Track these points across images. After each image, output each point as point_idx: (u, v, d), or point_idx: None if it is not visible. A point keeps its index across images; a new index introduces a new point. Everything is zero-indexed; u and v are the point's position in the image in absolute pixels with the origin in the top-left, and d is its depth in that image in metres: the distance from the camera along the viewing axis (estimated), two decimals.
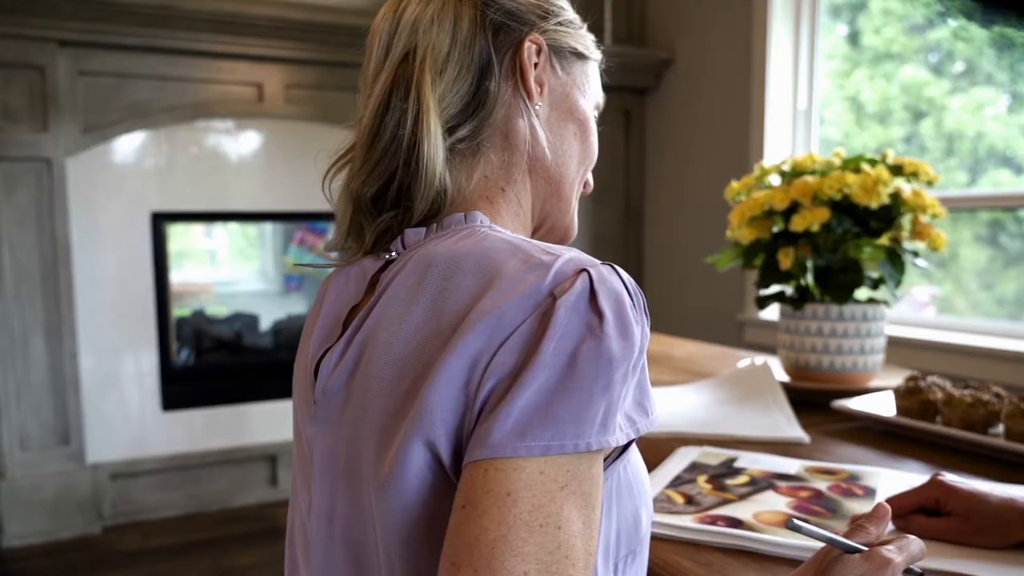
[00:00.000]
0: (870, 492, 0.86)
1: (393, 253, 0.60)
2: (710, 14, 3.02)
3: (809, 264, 1.28)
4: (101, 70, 2.57)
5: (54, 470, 2.59)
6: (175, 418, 2.86)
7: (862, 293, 1.32)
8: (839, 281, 1.27)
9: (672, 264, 3.29)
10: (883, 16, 2.59)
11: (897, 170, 1.28)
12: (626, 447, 0.57)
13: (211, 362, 3.09)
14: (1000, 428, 1.03)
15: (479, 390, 0.48)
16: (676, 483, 0.89)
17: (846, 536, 0.57)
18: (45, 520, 2.59)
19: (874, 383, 1.31)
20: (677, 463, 0.97)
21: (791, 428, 1.13)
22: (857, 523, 0.59)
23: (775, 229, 1.33)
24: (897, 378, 1.32)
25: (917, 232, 1.28)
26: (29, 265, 2.50)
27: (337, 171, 0.64)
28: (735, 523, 0.77)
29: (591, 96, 0.67)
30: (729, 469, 0.94)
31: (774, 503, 0.83)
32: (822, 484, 0.89)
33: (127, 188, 2.71)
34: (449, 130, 0.59)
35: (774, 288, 1.37)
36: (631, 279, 0.53)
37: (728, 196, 1.39)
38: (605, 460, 0.55)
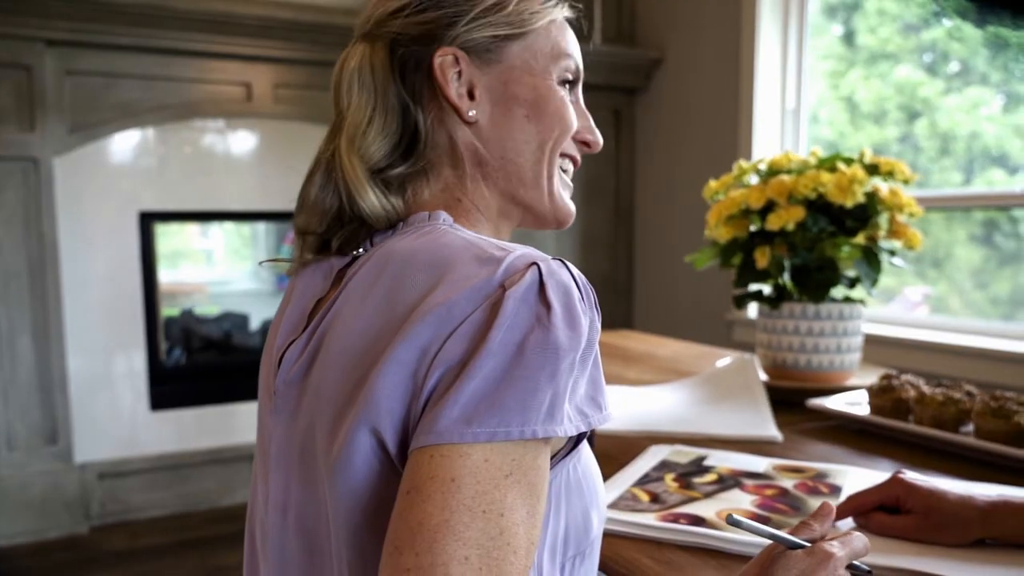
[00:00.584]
0: (836, 490, 0.86)
1: (360, 250, 0.62)
2: (699, 14, 3.02)
3: (786, 263, 1.28)
4: (88, 69, 2.57)
5: (41, 469, 2.58)
6: (163, 418, 2.86)
7: (840, 292, 1.32)
8: (815, 280, 1.27)
9: (662, 263, 3.29)
10: (878, 16, 2.59)
11: (873, 169, 1.28)
12: (576, 445, 0.57)
13: (200, 362, 3.08)
14: (971, 427, 1.04)
15: (427, 379, 0.49)
16: (643, 481, 0.90)
17: (792, 533, 0.58)
18: (32, 520, 2.58)
19: (851, 382, 1.32)
20: (647, 461, 0.97)
21: (765, 427, 1.13)
22: (803, 521, 0.59)
23: (752, 228, 1.33)
24: (874, 377, 1.32)
25: (893, 231, 1.28)
26: (16, 265, 2.50)
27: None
28: (697, 521, 0.77)
29: (543, 66, 0.64)
30: (698, 467, 0.95)
31: (739, 501, 0.83)
32: (789, 482, 0.89)
33: (115, 188, 2.71)
34: (384, 168, 0.62)
35: (752, 287, 1.37)
36: (580, 274, 0.54)
37: (706, 195, 1.40)
38: (555, 456, 0.56)
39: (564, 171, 0.68)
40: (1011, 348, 2.04)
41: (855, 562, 0.59)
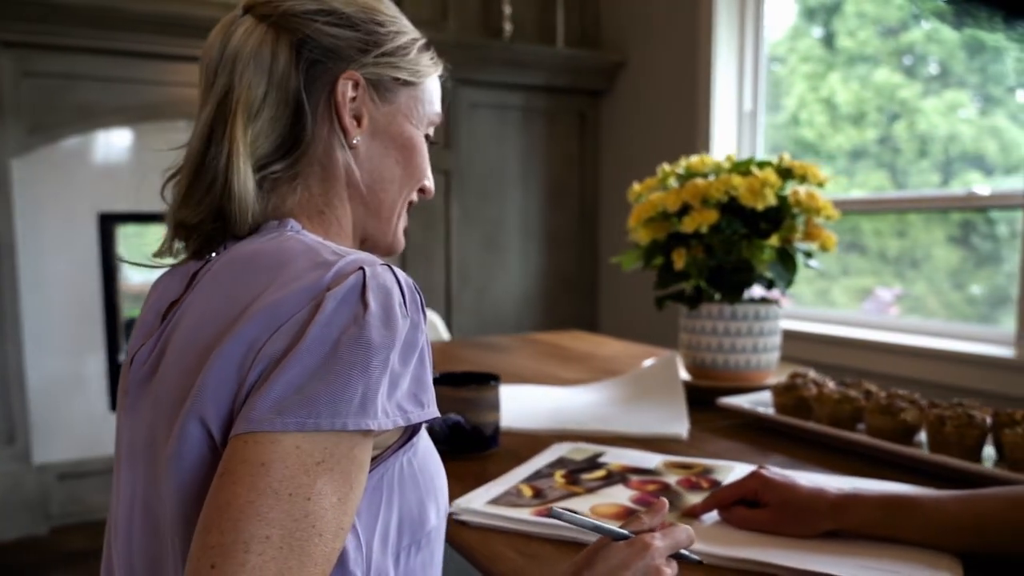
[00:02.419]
0: (716, 484, 0.89)
1: (214, 254, 0.64)
2: (660, 17, 3.05)
3: (706, 264, 1.31)
4: (47, 71, 2.57)
5: None
6: None
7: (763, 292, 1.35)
8: (731, 281, 1.30)
9: None
10: (857, 19, 2.63)
11: (787, 173, 1.31)
12: (409, 439, 0.59)
13: None
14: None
15: (249, 372, 0.52)
16: (533, 477, 0.92)
17: (624, 526, 0.60)
18: None
19: (770, 380, 1.34)
20: (543, 458, 0.99)
21: (672, 424, 1.16)
22: (636, 514, 0.62)
23: (674, 230, 1.36)
24: None
25: (808, 233, 1.31)
26: None
27: (172, 186, 0.67)
28: None
29: (420, 117, 0.71)
30: (592, 464, 0.97)
31: (617, 496, 0.86)
32: (673, 478, 0.92)
33: (75, 189, 2.72)
34: (264, 165, 0.63)
35: (676, 287, 1.40)
36: (408, 279, 0.56)
37: (631, 198, 1.42)
38: (386, 449, 0.58)
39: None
40: (969, 349, 2.07)
41: (685, 552, 0.62)
